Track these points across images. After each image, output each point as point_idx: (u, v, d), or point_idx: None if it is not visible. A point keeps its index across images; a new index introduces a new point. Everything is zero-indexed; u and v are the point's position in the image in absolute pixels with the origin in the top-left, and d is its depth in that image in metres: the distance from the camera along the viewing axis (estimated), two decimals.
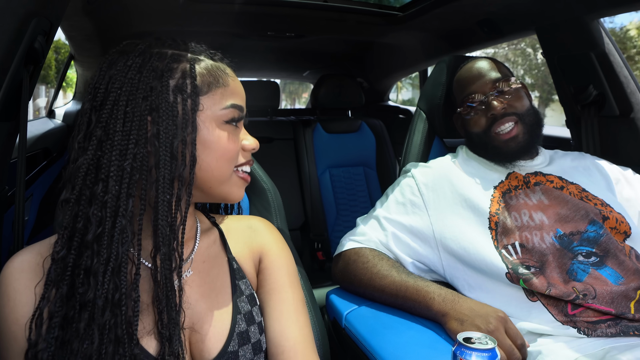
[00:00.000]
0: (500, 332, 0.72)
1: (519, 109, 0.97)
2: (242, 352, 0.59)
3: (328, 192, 2.39)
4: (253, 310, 0.64)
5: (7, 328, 0.54)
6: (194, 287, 0.61)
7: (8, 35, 0.72)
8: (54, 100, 2.18)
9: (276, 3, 1.64)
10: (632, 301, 0.81)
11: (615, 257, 0.85)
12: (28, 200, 1.43)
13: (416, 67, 2.58)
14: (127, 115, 0.54)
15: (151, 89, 0.55)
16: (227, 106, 0.59)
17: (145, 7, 1.62)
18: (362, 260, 0.92)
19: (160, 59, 0.57)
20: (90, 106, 0.55)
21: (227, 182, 0.61)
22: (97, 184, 0.52)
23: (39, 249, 0.57)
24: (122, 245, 0.51)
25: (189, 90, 0.56)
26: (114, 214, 0.52)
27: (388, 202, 1.02)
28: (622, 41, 11.73)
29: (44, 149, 1.66)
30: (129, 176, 0.52)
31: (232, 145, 0.60)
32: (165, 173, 0.53)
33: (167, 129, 0.54)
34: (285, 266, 0.69)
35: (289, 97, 23.39)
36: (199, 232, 0.66)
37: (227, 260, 0.66)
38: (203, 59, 0.60)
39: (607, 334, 0.77)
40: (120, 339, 0.50)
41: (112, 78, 0.55)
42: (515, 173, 0.99)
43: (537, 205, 0.92)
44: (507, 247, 0.88)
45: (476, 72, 1.03)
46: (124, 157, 0.53)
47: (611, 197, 0.95)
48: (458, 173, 1.00)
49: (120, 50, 0.59)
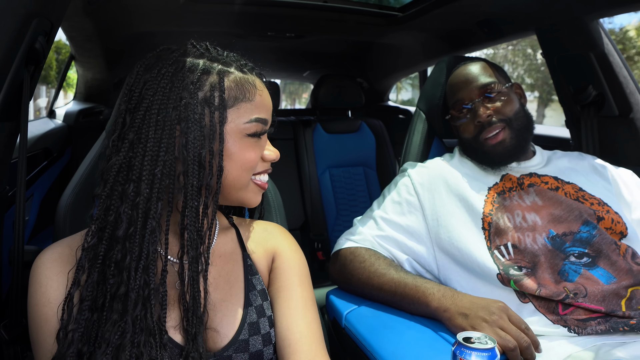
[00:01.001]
0: (504, 320, 0.73)
1: (506, 114, 0.97)
2: (252, 341, 0.63)
3: (328, 192, 2.39)
4: (264, 305, 0.67)
5: (39, 311, 0.58)
6: (209, 279, 0.64)
7: (9, 36, 0.72)
8: (55, 100, 2.18)
9: (276, 3, 1.64)
10: (623, 299, 0.81)
11: (607, 258, 0.85)
12: (28, 200, 1.44)
13: (416, 67, 2.59)
14: (159, 123, 0.57)
15: (181, 99, 0.57)
16: (251, 120, 0.62)
17: (146, 8, 1.62)
18: (359, 260, 0.93)
19: (191, 70, 0.59)
20: (126, 108, 0.59)
21: (244, 189, 0.65)
22: (129, 184, 0.56)
23: (69, 242, 0.62)
24: (151, 244, 0.55)
25: (217, 103, 0.59)
26: (145, 215, 0.55)
27: (385, 202, 1.03)
28: (621, 42, 11.73)
29: (45, 149, 1.67)
30: (159, 181, 0.56)
31: (253, 156, 0.63)
32: (193, 181, 0.57)
33: (194, 139, 0.57)
34: (296, 267, 0.72)
35: (289, 97, 23.39)
36: (217, 230, 0.70)
37: (242, 257, 0.70)
38: (232, 72, 0.62)
39: (597, 331, 0.78)
40: (152, 330, 0.54)
41: (146, 83, 0.59)
42: (510, 175, 0.99)
43: (530, 207, 0.93)
44: (499, 247, 0.89)
45: (464, 78, 1.03)
46: (155, 163, 0.56)
47: (609, 196, 0.96)
48: (453, 173, 1.01)
49: (157, 55, 0.62)
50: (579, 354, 0.74)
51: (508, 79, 1.05)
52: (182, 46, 0.63)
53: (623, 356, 0.69)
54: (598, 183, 0.99)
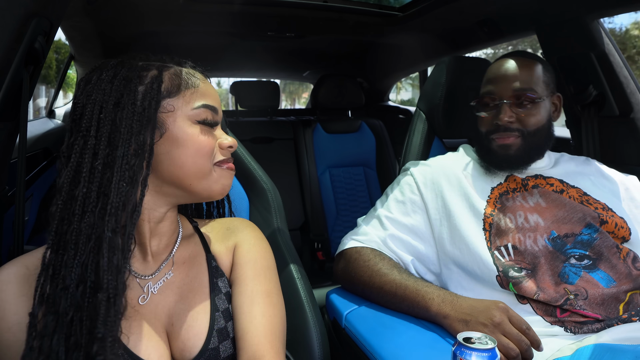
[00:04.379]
0: (505, 323, 0.72)
1: (527, 126, 0.95)
2: (222, 347, 0.62)
3: (328, 192, 2.39)
4: (230, 307, 0.66)
5: None
6: (174, 289, 0.63)
7: (8, 36, 0.72)
8: (54, 100, 2.18)
9: (276, 3, 1.64)
10: (622, 303, 0.81)
11: (608, 261, 0.85)
12: (28, 201, 1.43)
13: (416, 67, 2.58)
14: (100, 121, 0.57)
15: (121, 96, 0.58)
16: (198, 106, 0.62)
17: (145, 8, 1.62)
18: (364, 259, 0.92)
19: (130, 69, 0.60)
20: (71, 119, 0.59)
21: (208, 177, 0.63)
22: (76, 187, 0.55)
23: (25, 261, 0.59)
24: (88, 240, 0.53)
25: (155, 91, 0.59)
26: (84, 211, 0.54)
27: (388, 201, 1.02)
28: (622, 41, 11.73)
29: (44, 149, 1.66)
30: (100, 175, 0.55)
31: (205, 140, 0.62)
32: (123, 164, 0.56)
33: (130, 126, 0.57)
34: (253, 259, 0.69)
35: (289, 97, 23.39)
36: (180, 237, 0.68)
37: (206, 259, 0.68)
38: (172, 66, 0.64)
39: (593, 329, 0.78)
40: (81, 345, 0.50)
41: (88, 92, 0.59)
42: (514, 176, 0.98)
43: (533, 208, 0.92)
44: (499, 248, 0.88)
45: (503, 72, 0.99)
46: (96, 157, 0.56)
47: (614, 201, 0.95)
48: (457, 172, 1.00)
49: (95, 68, 0.63)
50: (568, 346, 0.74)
51: (552, 90, 1.00)
52: (119, 57, 0.64)
53: (607, 340, 0.70)
54: (603, 188, 0.98)
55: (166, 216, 0.65)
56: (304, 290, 0.84)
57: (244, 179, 0.99)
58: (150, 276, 0.63)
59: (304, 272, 0.87)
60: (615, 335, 0.72)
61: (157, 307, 0.61)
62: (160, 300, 0.62)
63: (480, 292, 0.88)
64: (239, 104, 2.54)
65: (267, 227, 0.92)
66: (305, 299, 0.83)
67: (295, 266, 0.87)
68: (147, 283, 0.62)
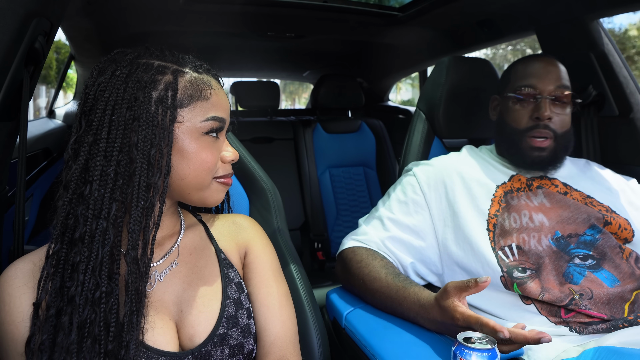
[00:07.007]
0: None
1: (560, 128, 0.94)
2: (231, 334, 0.63)
3: (328, 192, 2.39)
4: (241, 297, 0.68)
5: (4, 330, 0.57)
6: (181, 277, 0.65)
7: (8, 36, 0.72)
8: (54, 100, 2.18)
9: (276, 3, 1.64)
10: (627, 303, 0.81)
11: (611, 261, 0.85)
12: (28, 201, 1.43)
13: (416, 67, 2.58)
14: (113, 123, 0.57)
15: (135, 100, 0.57)
16: (207, 119, 0.62)
17: (145, 8, 1.62)
18: (357, 260, 0.91)
19: (145, 70, 0.59)
20: (81, 111, 0.59)
21: (206, 190, 0.64)
22: (86, 186, 0.56)
23: (32, 257, 0.61)
24: (102, 246, 0.54)
25: (170, 102, 0.59)
26: (97, 215, 0.55)
27: (390, 202, 1.01)
28: (621, 42, 11.73)
29: (45, 149, 1.66)
30: (113, 181, 0.56)
31: (210, 156, 0.62)
32: (141, 180, 0.57)
33: (145, 138, 0.57)
34: (269, 261, 0.73)
35: (289, 97, 23.39)
36: (183, 228, 0.70)
37: (215, 252, 0.70)
38: (187, 72, 0.63)
39: (598, 330, 0.78)
40: (97, 336, 0.52)
41: (100, 86, 0.58)
42: (519, 176, 0.98)
43: (538, 207, 0.92)
44: (503, 248, 0.88)
45: (546, 67, 0.97)
46: (108, 162, 0.56)
47: (617, 204, 0.95)
48: (460, 173, 0.99)
49: (111, 58, 0.62)
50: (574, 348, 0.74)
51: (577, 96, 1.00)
52: (136, 49, 0.63)
53: (613, 343, 0.69)
54: (606, 191, 0.98)
55: (167, 210, 0.67)
56: (304, 290, 0.84)
57: (244, 178, 0.99)
58: (155, 264, 0.64)
59: (304, 272, 0.87)
60: (622, 338, 0.71)
61: (164, 295, 0.63)
62: (167, 288, 0.63)
63: (483, 293, 0.86)
64: (239, 104, 2.54)
65: (267, 227, 0.92)
66: (305, 299, 0.83)
67: (295, 266, 0.87)
68: (154, 271, 0.64)
